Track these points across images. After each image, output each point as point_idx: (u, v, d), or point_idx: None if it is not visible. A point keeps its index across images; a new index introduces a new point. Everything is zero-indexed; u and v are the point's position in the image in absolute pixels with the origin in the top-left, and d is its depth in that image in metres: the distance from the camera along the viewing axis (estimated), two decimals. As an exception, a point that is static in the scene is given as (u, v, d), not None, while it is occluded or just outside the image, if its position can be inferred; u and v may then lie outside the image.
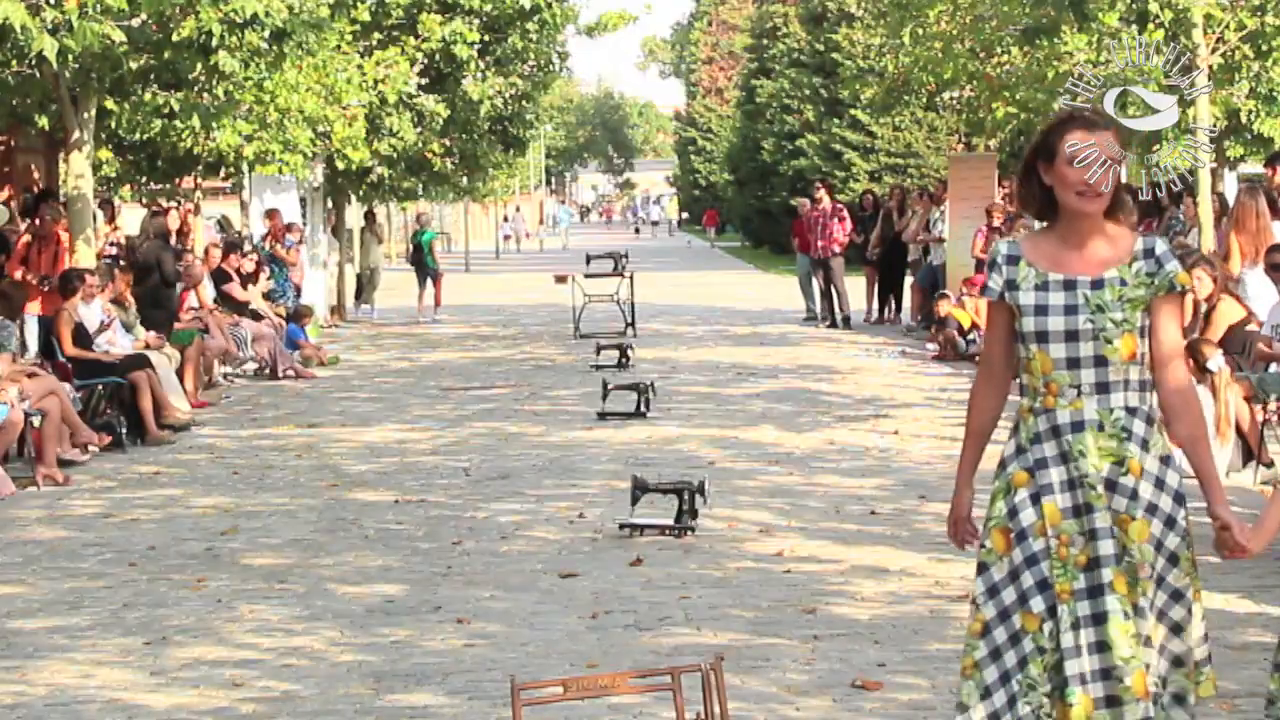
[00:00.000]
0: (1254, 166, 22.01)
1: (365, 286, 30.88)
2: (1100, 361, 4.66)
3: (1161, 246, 4.74)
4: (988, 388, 4.90)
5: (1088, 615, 4.59)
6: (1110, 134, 4.77)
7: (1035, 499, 4.69)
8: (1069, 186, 4.72)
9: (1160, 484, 4.68)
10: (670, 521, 9.96)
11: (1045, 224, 4.88)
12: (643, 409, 15.17)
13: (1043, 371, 4.70)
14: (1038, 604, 4.64)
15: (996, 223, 21.93)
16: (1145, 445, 4.68)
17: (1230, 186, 20.84)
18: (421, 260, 30.40)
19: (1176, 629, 4.68)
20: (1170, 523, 4.67)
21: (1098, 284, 4.68)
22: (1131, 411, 4.68)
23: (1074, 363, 4.67)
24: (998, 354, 4.87)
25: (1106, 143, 4.74)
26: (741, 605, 8.20)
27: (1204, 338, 12.00)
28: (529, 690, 5.33)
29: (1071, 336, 4.67)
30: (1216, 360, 11.45)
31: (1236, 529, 4.55)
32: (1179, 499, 4.68)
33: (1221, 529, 4.57)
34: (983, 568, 4.79)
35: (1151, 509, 4.64)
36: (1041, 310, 4.70)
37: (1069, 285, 4.69)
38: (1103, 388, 4.67)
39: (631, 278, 25.38)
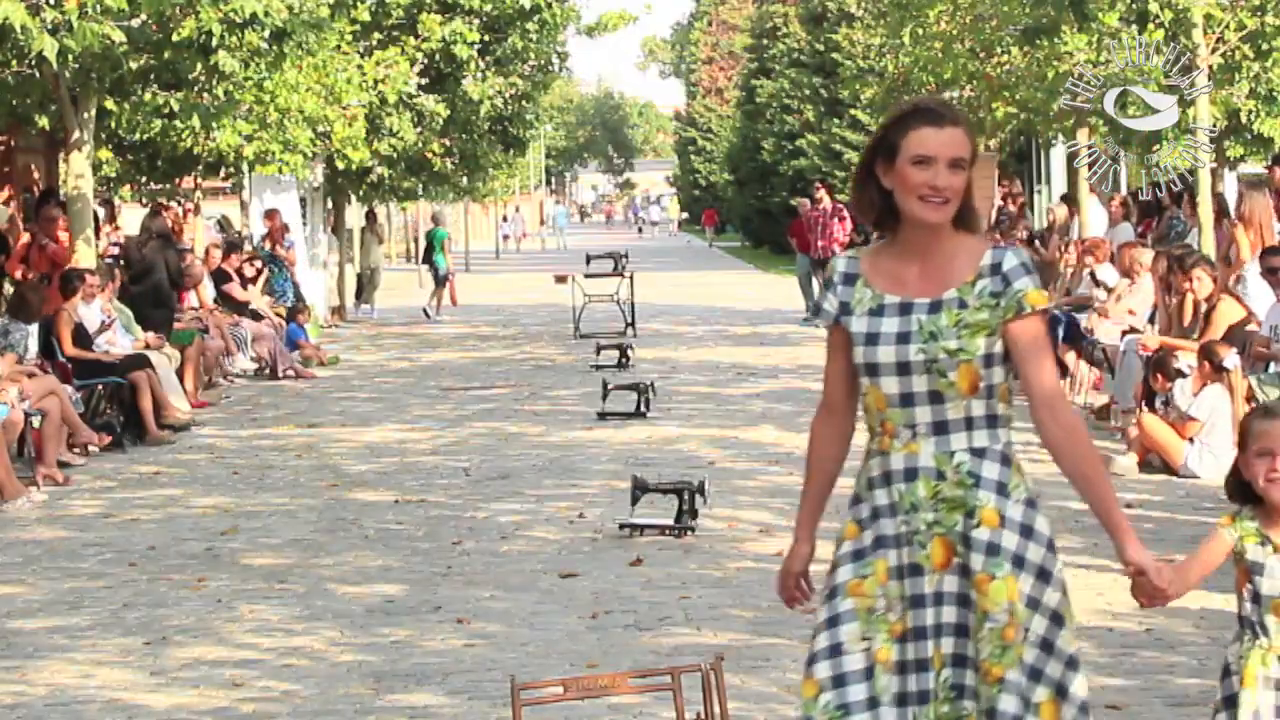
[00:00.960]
0: (1254, 166, 22.02)
1: (365, 286, 30.91)
2: (935, 397, 4.06)
3: (1012, 261, 4.08)
4: (826, 427, 4.32)
5: (913, 693, 4.06)
6: (960, 130, 4.09)
7: (858, 555, 4.12)
8: (911, 190, 4.07)
9: (1028, 532, 4.05)
10: (670, 521, 9.95)
11: (886, 237, 4.25)
12: (643, 409, 15.17)
13: (877, 409, 4.14)
14: (822, 670, 4.07)
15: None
16: (1002, 490, 4.06)
17: (1230, 186, 20.85)
18: (433, 260, 30.60)
19: (1074, 701, 4.04)
20: (1044, 575, 4.05)
21: (935, 306, 4.07)
22: (978, 453, 4.06)
23: (907, 399, 4.08)
24: (838, 386, 4.27)
25: (955, 141, 4.08)
26: (741, 605, 8.20)
27: (1209, 337, 12.00)
28: (529, 690, 5.33)
29: (904, 369, 4.07)
30: (1232, 358, 11.45)
31: (1153, 573, 4.06)
32: (1051, 547, 4.08)
33: (1137, 574, 4.07)
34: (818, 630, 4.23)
35: (1019, 562, 4.02)
36: (872, 339, 4.11)
37: (904, 309, 4.09)
38: (940, 427, 4.07)
39: (631, 278, 25.38)
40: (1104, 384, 15.24)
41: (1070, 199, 20.73)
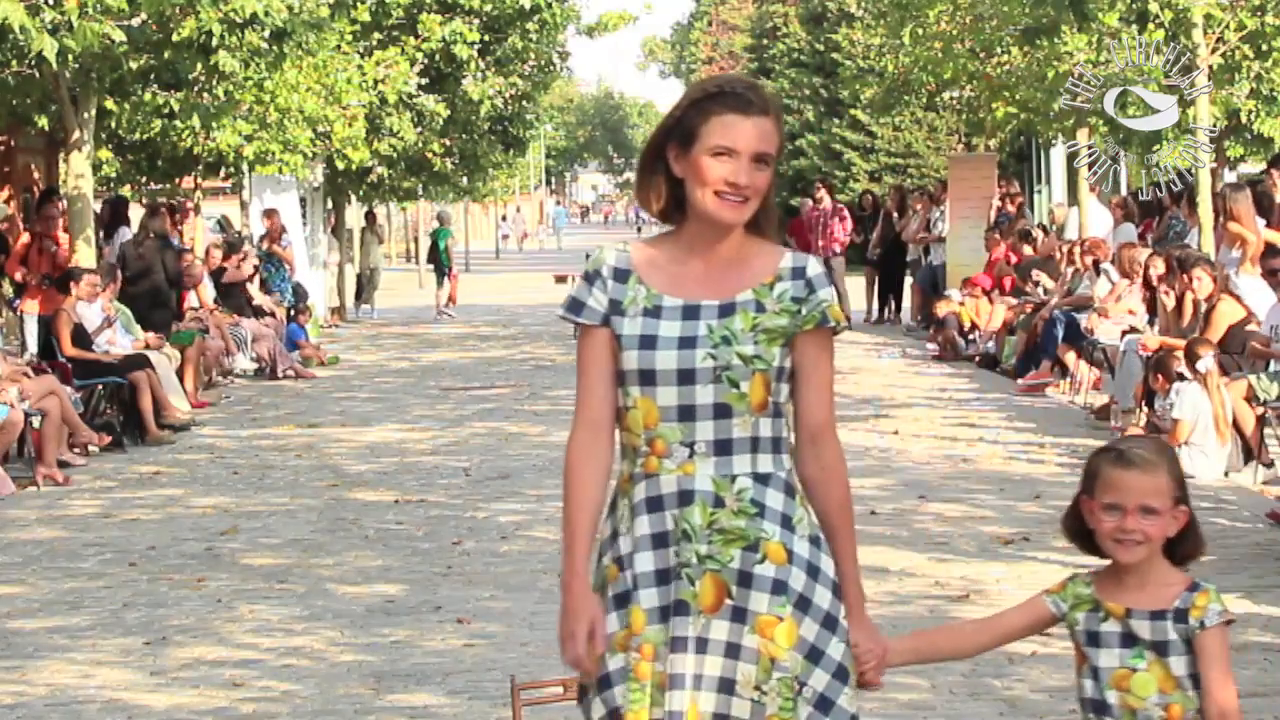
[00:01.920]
0: (1254, 166, 22.03)
1: (365, 286, 30.92)
2: (722, 411, 3.53)
3: (815, 267, 3.64)
4: (593, 449, 3.62)
5: None
6: (769, 121, 3.56)
7: (623, 600, 3.55)
8: (707, 184, 3.55)
9: (814, 572, 3.57)
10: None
11: (667, 229, 3.73)
12: (643, 409, 15.14)
13: (646, 425, 3.56)
14: None
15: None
16: (788, 523, 3.56)
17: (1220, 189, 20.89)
18: (438, 258, 30.72)
19: None
20: (831, 623, 3.57)
21: (726, 309, 3.57)
22: (762, 479, 3.56)
23: (687, 412, 3.53)
24: (602, 399, 3.62)
25: (763, 133, 3.56)
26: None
27: (1203, 337, 12.00)
28: (529, 690, 5.33)
29: (686, 377, 3.52)
30: (1205, 362, 11.46)
31: (863, 660, 3.70)
32: (837, 592, 3.61)
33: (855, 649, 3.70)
34: (582, 692, 3.67)
35: (804, 604, 3.53)
36: (648, 342, 3.55)
37: (689, 312, 3.57)
38: (723, 447, 3.54)
39: (631, 278, 25.33)
40: (1104, 384, 15.24)
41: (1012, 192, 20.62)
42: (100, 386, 14.65)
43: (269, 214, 24.29)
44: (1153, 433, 11.74)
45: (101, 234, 18.39)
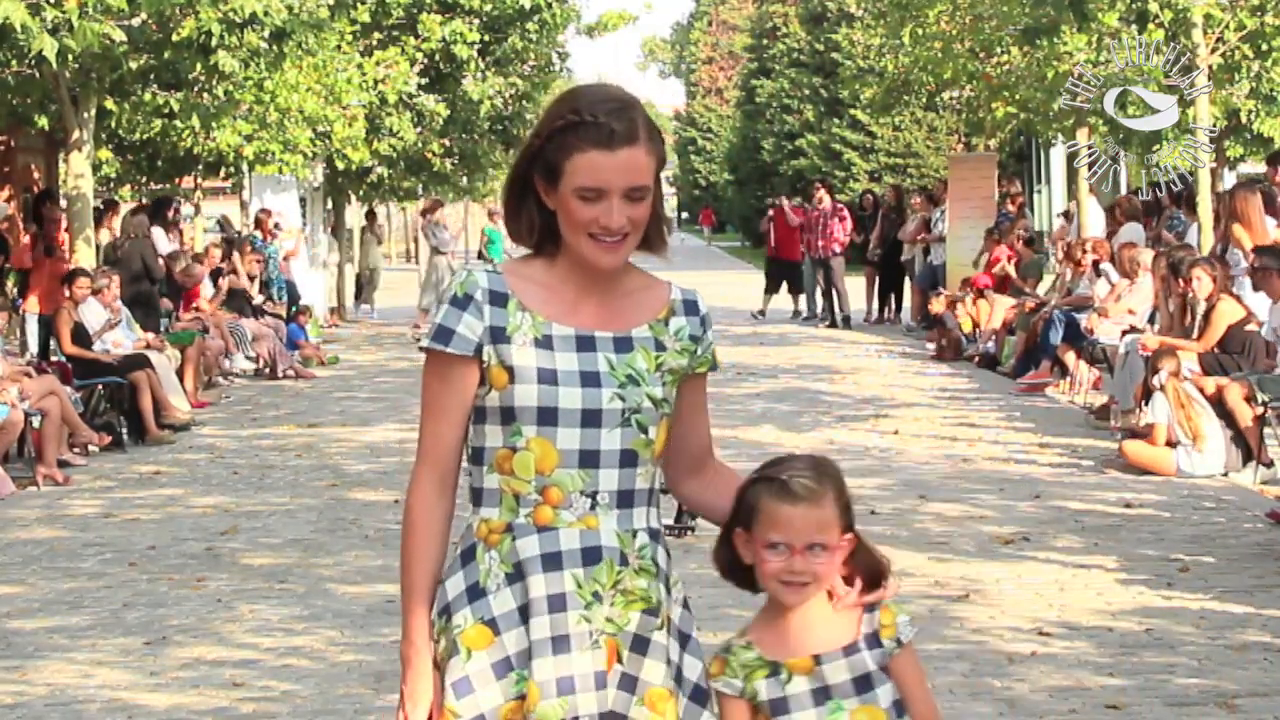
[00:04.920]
0: (1254, 166, 22.04)
1: (365, 286, 30.93)
2: (628, 459, 3.23)
3: (704, 304, 3.38)
4: (440, 499, 3.39)
5: None
6: (639, 150, 3.18)
7: (504, 666, 3.21)
8: (578, 226, 3.21)
9: (685, 640, 3.33)
10: (670, 521, 9.92)
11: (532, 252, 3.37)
12: (643, 409, 15.13)
13: (539, 470, 3.21)
14: None
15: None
16: (669, 585, 3.33)
17: (1229, 187, 20.88)
18: (489, 256, 30.96)
19: None
20: (700, 696, 3.30)
21: (623, 344, 3.25)
22: (654, 536, 3.33)
23: (590, 458, 3.21)
24: (453, 441, 3.34)
25: (632, 165, 3.18)
26: (741, 605, 8.14)
27: (1170, 351, 12.06)
28: None
29: (591, 419, 3.19)
30: (1159, 377, 11.58)
31: None
32: (703, 659, 3.36)
33: None
34: None
35: (678, 678, 3.28)
36: (548, 377, 3.19)
37: (584, 343, 3.23)
38: (625, 498, 3.25)
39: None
40: (1104, 384, 15.25)
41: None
42: (100, 386, 14.65)
43: (263, 214, 24.32)
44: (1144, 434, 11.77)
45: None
